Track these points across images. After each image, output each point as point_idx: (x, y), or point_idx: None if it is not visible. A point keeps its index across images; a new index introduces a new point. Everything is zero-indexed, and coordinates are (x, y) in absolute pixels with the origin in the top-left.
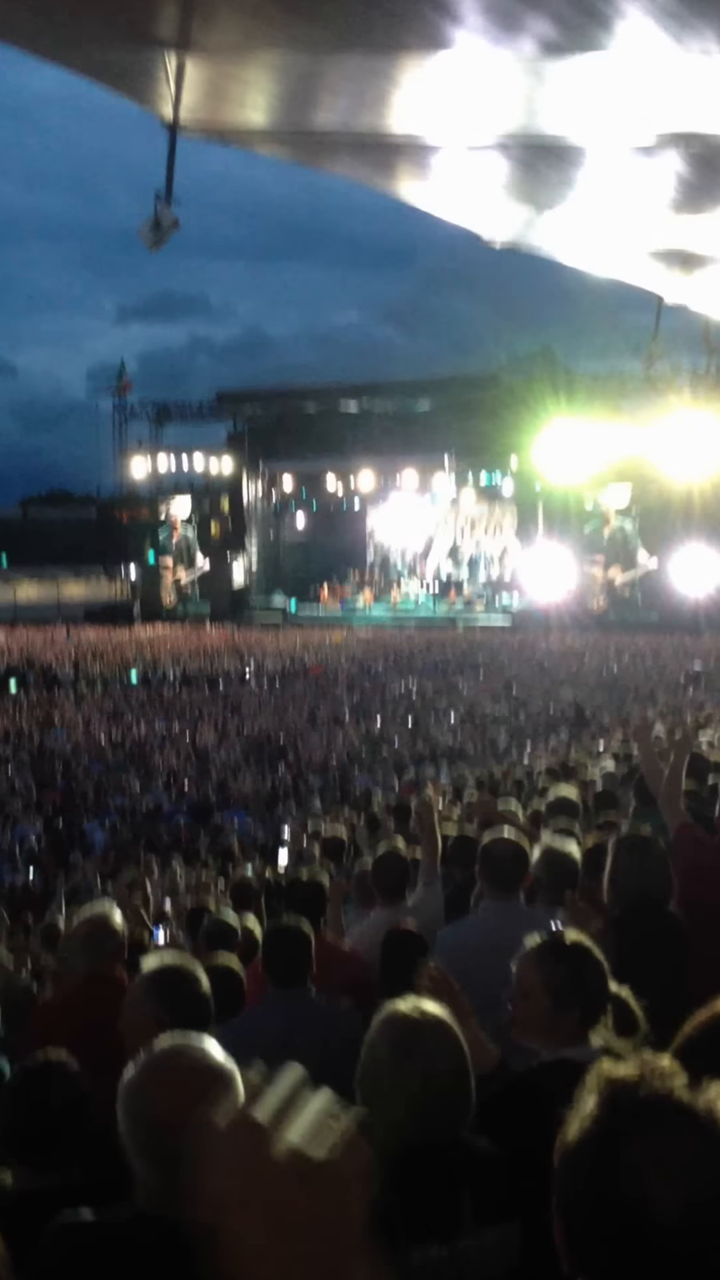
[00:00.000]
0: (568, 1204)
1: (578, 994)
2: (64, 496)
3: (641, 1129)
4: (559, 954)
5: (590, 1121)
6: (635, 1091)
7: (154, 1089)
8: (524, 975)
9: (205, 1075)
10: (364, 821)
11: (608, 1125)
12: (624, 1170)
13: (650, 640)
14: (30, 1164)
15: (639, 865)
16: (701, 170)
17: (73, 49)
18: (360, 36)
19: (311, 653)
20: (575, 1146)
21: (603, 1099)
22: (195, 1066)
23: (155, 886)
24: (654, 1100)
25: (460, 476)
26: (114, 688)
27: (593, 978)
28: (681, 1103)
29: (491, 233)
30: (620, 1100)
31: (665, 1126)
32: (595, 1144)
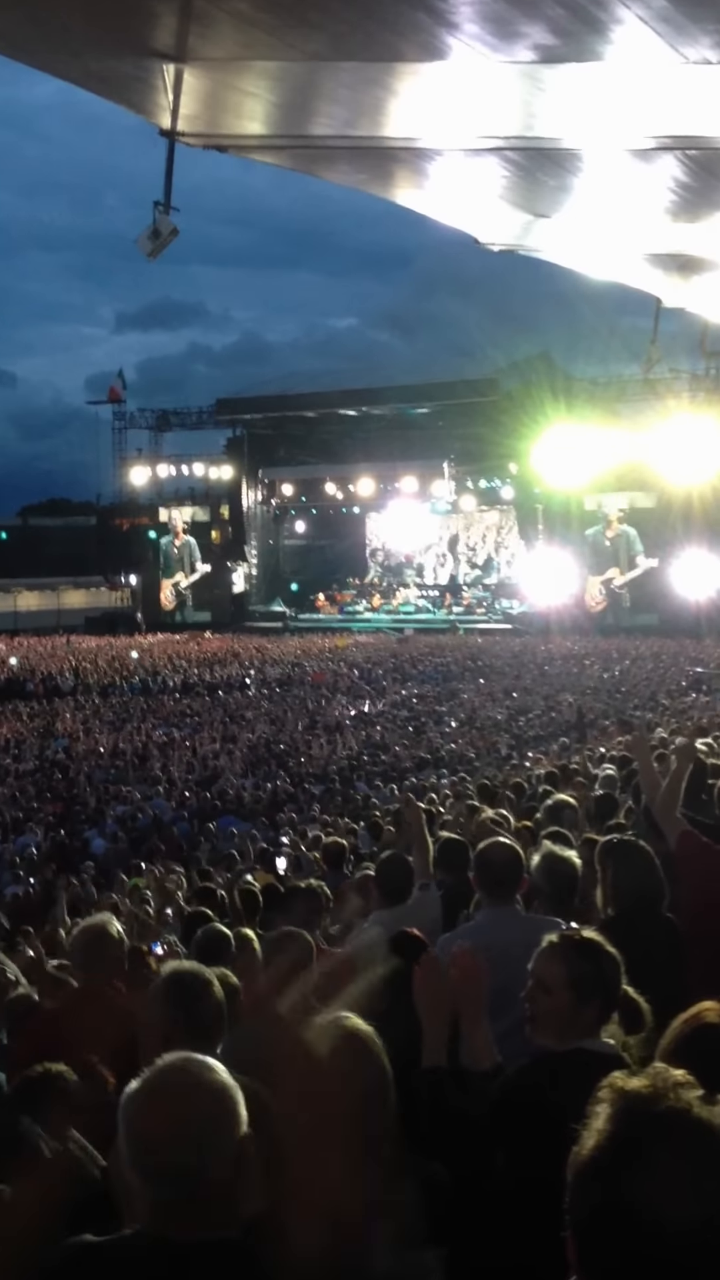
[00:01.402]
0: (581, 1217)
1: (599, 988)
2: (63, 505)
3: (657, 1144)
4: (581, 948)
5: (605, 1136)
6: (651, 1106)
7: (155, 1104)
8: (546, 970)
9: (208, 1092)
10: (366, 828)
11: (623, 1140)
12: (640, 1185)
13: (651, 644)
14: None
15: (631, 870)
16: (699, 175)
17: (71, 60)
18: (357, 45)
19: (312, 659)
20: (589, 1160)
21: (617, 1113)
22: (199, 1083)
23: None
24: (670, 1115)
25: (460, 482)
26: (114, 696)
27: (611, 972)
28: (699, 1118)
29: (489, 236)
30: (635, 1115)
31: (681, 1142)
32: (610, 1158)
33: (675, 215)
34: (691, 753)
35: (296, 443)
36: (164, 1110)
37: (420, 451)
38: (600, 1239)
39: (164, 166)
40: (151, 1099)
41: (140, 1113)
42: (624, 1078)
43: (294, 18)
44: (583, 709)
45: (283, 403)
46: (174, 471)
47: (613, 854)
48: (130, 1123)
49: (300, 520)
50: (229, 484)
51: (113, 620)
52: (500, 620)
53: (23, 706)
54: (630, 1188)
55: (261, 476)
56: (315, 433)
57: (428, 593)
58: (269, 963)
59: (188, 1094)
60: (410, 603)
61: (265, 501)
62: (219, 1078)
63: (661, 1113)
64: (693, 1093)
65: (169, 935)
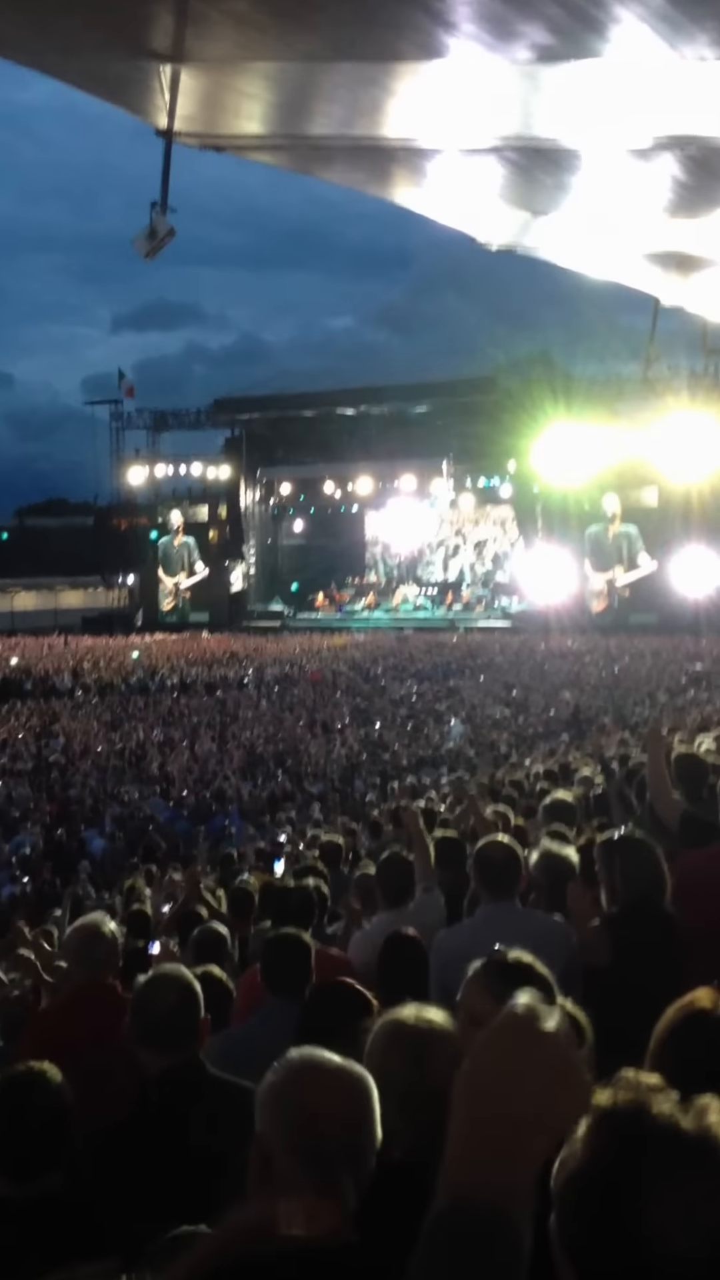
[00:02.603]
0: (577, 1242)
1: None
2: (61, 505)
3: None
4: (507, 973)
5: (587, 1153)
6: (629, 1117)
7: (309, 1085)
8: (473, 1002)
9: (351, 1077)
10: (366, 827)
11: (606, 1155)
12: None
13: (650, 642)
14: (9, 1174)
15: (635, 866)
16: (698, 173)
17: (68, 61)
18: (355, 45)
19: (310, 658)
20: (574, 1178)
21: (595, 1128)
22: (340, 1069)
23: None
24: (650, 1126)
25: (458, 480)
26: (112, 696)
27: (544, 994)
28: (678, 1126)
29: (487, 236)
30: (615, 1129)
31: (664, 1151)
32: (594, 1175)
33: (673, 213)
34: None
35: (294, 442)
36: (322, 1089)
37: (419, 450)
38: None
39: (160, 167)
40: (307, 1079)
41: (300, 1091)
42: (599, 1091)
43: (291, 18)
44: (579, 707)
45: (281, 402)
46: (172, 471)
47: (616, 849)
48: (288, 1102)
49: (298, 519)
50: (227, 484)
51: (110, 620)
52: (500, 618)
53: (20, 706)
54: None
55: (259, 476)
56: (313, 432)
57: (427, 591)
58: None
59: (339, 1078)
60: (409, 601)
61: (263, 501)
62: (358, 1068)
63: (641, 1124)
64: (669, 1100)
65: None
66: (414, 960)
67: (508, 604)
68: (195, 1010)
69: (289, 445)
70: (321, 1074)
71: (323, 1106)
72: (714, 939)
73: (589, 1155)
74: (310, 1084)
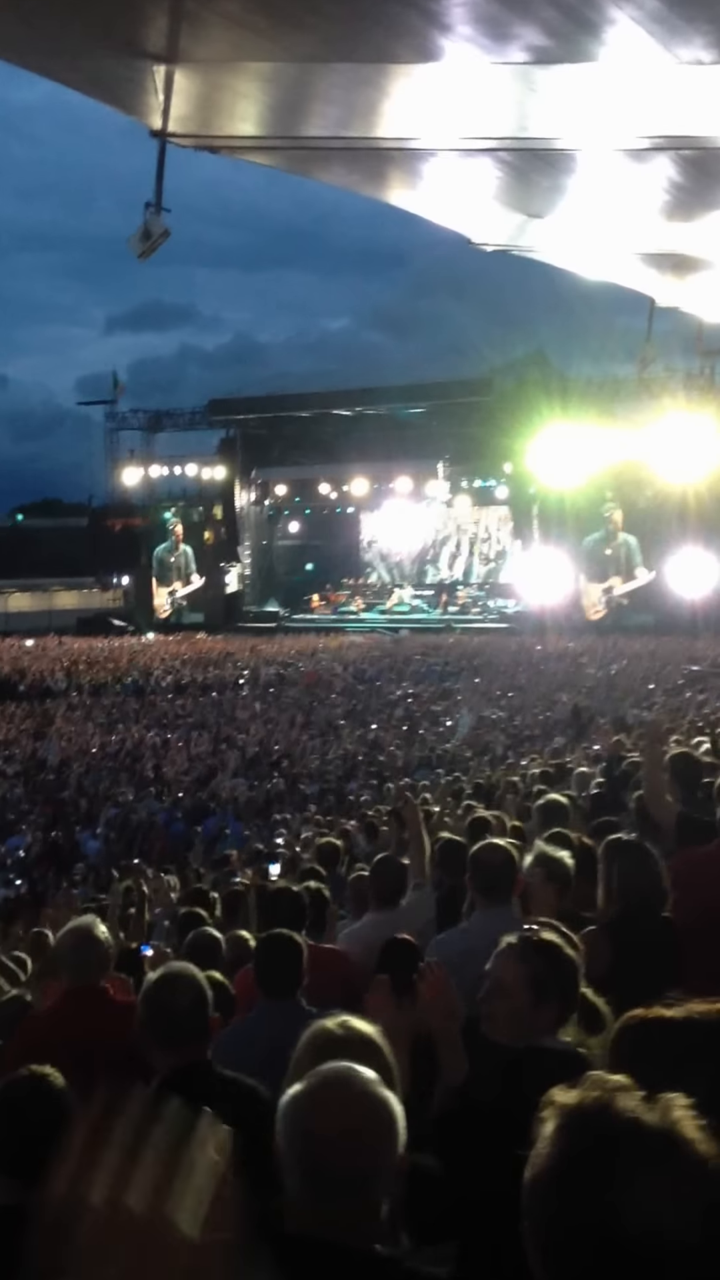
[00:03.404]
0: (540, 1230)
1: (556, 988)
2: (56, 506)
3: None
4: (540, 949)
5: (555, 1151)
6: (595, 1117)
7: (330, 1108)
8: (504, 971)
9: (378, 1099)
10: (362, 828)
11: (573, 1154)
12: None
13: (647, 643)
14: (19, 1177)
15: (635, 871)
16: (693, 175)
17: (62, 61)
18: (350, 46)
19: (306, 659)
20: (543, 1177)
21: (563, 1128)
22: (369, 1090)
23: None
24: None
25: (455, 481)
26: (106, 697)
27: (570, 973)
28: (645, 1123)
29: (483, 237)
30: (582, 1128)
31: (631, 1148)
32: (562, 1173)
33: (669, 215)
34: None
35: (290, 443)
36: (341, 1112)
37: (415, 451)
38: (564, 1251)
39: (155, 167)
40: (329, 1101)
41: (316, 1113)
42: (563, 1091)
43: (286, 19)
44: (580, 707)
45: (276, 403)
46: (167, 472)
47: (617, 853)
48: (302, 1123)
49: (294, 521)
50: (222, 485)
51: (105, 621)
52: (495, 620)
53: (14, 707)
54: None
55: (255, 477)
56: (309, 433)
57: (423, 592)
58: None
59: (364, 1100)
60: (405, 602)
61: (259, 502)
62: (387, 1092)
63: (607, 1122)
64: (634, 1097)
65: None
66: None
67: (503, 605)
68: (206, 1009)
69: (284, 446)
70: (338, 1097)
71: (332, 1131)
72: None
73: (556, 1154)
74: (322, 1107)
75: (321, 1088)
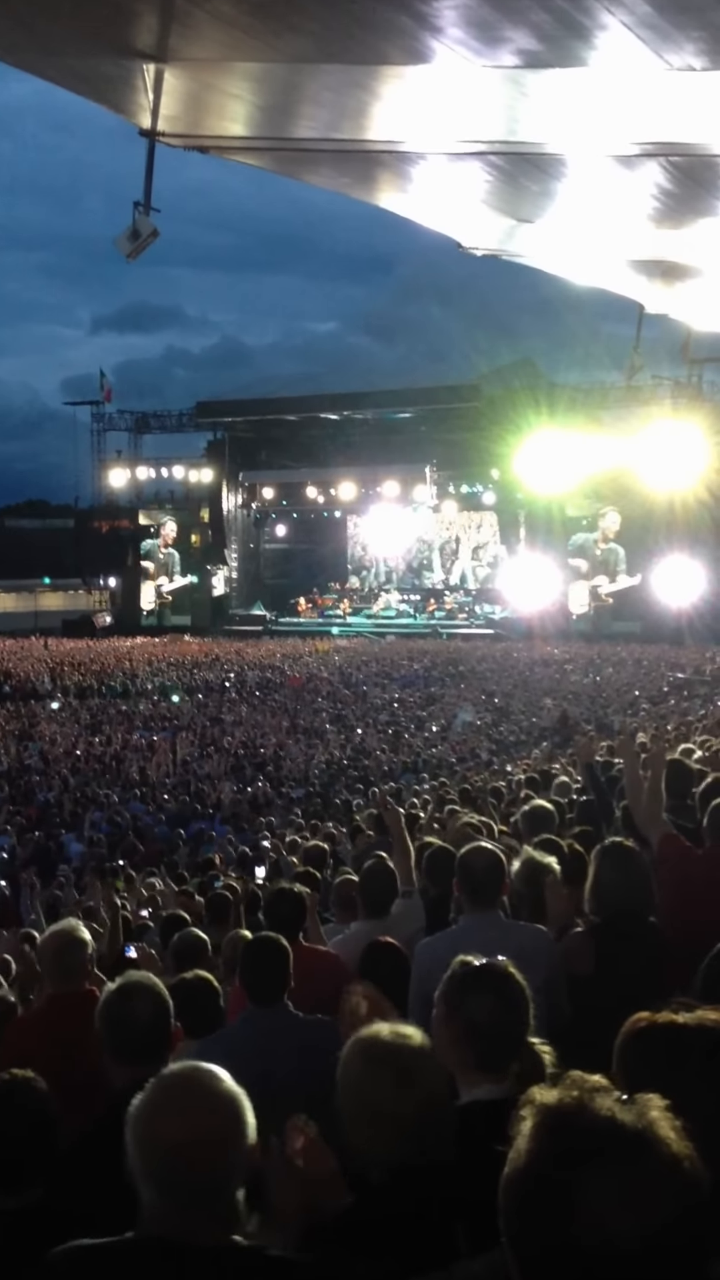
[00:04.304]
0: (520, 1239)
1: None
2: (41, 506)
3: (584, 1154)
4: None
5: (532, 1151)
6: (573, 1116)
7: (169, 1118)
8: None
9: (222, 1100)
10: (347, 833)
11: (551, 1153)
12: (573, 1196)
13: (632, 650)
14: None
15: (622, 875)
16: (682, 182)
17: (51, 59)
18: (340, 48)
19: (292, 663)
20: (522, 1181)
21: (540, 1127)
22: (212, 1092)
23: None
24: (594, 1123)
25: (442, 487)
26: (92, 699)
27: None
28: (621, 1122)
29: (472, 241)
30: (559, 1127)
31: (607, 1148)
32: (545, 1178)
33: (658, 222)
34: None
35: (277, 446)
36: (182, 1122)
37: (402, 456)
38: (542, 1258)
39: (143, 167)
40: (171, 1108)
41: (160, 1122)
42: (543, 1091)
43: (276, 19)
44: (567, 713)
45: (264, 406)
46: (153, 474)
47: (602, 856)
48: (146, 1135)
49: (281, 524)
50: (209, 487)
51: (91, 623)
52: (482, 625)
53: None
54: (567, 1206)
55: (242, 480)
56: (296, 436)
57: (410, 597)
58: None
59: (207, 1102)
60: (392, 607)
61: (246, 505)
62: (231, 1085)
63: (586, 1124)
64: (611, 1097)
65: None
66: (395, 969)
67: (490, 611)
68: (168, 1022)
69: (272, 449)
70: (178, 1102)
71: (175, 1138)
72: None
73: (531, 1152)
74: (164, 1114)
75: (162, 1094)
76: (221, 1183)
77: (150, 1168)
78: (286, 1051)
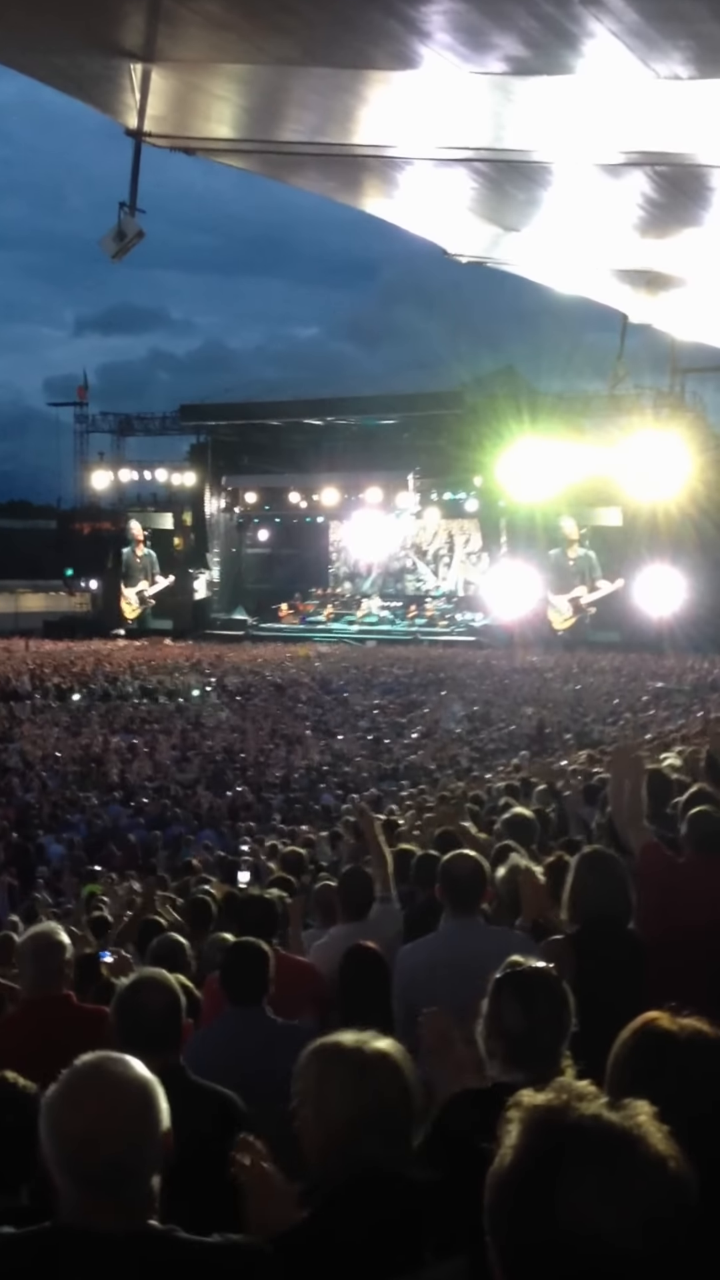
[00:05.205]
0: (502, 1233)
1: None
2: (23, 507)
3: (570, 1155)
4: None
5: (519, 1152)
6: (560, 1118)
7: (76, 1105)
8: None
9: (127, 1090)
10: (326, 838)
11: (537, 1154)
12: (558, 1197)
13: (613, 659)
14: None
15: (600, 882)
16: (668, 191)
17: (38, 57)
18: (328, 51)
19: (274, 668)
20: (507, 1180)
21: (528, 1128)
22: (117, 1082)
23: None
24: (580, 1125)
25: (424, 493)
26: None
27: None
28: (608, 1124)
29: (458, 248)
30: (546, 1128)
31: (593, 1150)
32: (526, 1173)
33: (644, 231)
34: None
35: (261, 451)
36: (88, 1109)
37: (385, 462)
38: (526, 1256)
39: (128, 168)
40: (75, 1099)
41: (65, 1113)
42: (530, 1094)
43: (264, 21)
44: (543, 722)
45: (247, 410)
46: (136, 477)
47: (581, 864)
48: (55, 1124)
49: (263, 529)
50: (192, 491)
51: (72, 625)
52: (463, 633)
53: None
54: (550, 1203)
55: (225, 484)
56: (279, 441)
57: (391, 604)
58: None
59: (111, 1092)
60: (374, 614)
61: (228, 509)
62: (140, 1074)
63: (571, 1125)
64: (598, 1102)
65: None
66: (375, 974)
67: (471, 619)
68: (179, 1015)
69: (255, 454)
70: (86, 1092)
71: (83, 1128)
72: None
73: (517, 1154)
74: (73, 1105)
75: (70, 1085)
76: (130, 1170)
77: (59, 1156)
78: (261, 1053)
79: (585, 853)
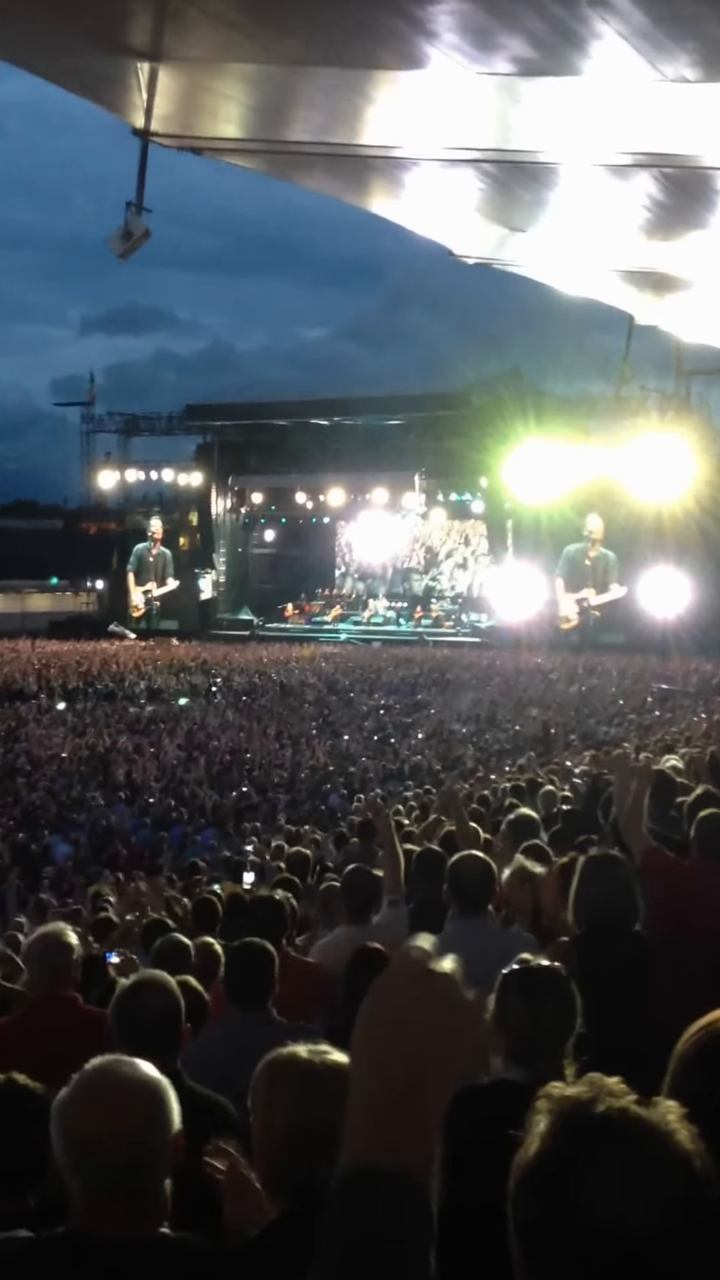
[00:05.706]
0: (526, 1226)
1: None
2: (30, 507)
3: (598, 1148)
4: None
5: (546, 1144)
6: (588, 1110)
7: (87, 1107)
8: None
9: (138, 1093)
10: (332, 840)
11: (564, 1146)
12: (584, 1190)
13: (618, 660)
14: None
15: (605, 885)
16: (674, 193)
17: (45, 55)
18: (335, 51)
19: (280, 669)
20: (533, 1168)
21: (556, 1120)
22: (128, 1084)
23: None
24: (609, 1118)
25: (431, 494)
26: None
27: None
28: (637, 1118)
29: (464, 249)
30: (574, 1121)
31: (621, 1144)
32: (553, 1166)
33: (650, 233)
34: (650, 771)
35: (267, 451)
36: (100, 1111)
37: (391, 463)
38: (547, 1246)
39: (135, 168)
40: (86, 1101)
41: (76, 1115)
42: (560, 1087)
43: (272, 21)
44: (549, 724)
45: (254, 410)
46: (143, 477)
47: (588, 866)
48: (66, 1126)
49: (269, 529)
50: (198, 491)
51: (78, 625)
52: (469, 634)
53: None
54: (574, 1193)
55: (231, 484)
56: (286, 442)
57: (397, 605)
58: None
59: (121, 1095)
60: (380, 614)
61: (234, 510)
62: (150, 1076)
63: (600, 1116)
64: (628, 1097)
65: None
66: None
67: (476, 620)
68: (179, 1019)
69: (261, 454)
70: (97, 1095)
71: (94, 1131)
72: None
73: (543, 1143)
74: (83, 1107)
75: (82, 1087)
76: (141, 1172)
77: (70, 1159)
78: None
79: (590, 856)
